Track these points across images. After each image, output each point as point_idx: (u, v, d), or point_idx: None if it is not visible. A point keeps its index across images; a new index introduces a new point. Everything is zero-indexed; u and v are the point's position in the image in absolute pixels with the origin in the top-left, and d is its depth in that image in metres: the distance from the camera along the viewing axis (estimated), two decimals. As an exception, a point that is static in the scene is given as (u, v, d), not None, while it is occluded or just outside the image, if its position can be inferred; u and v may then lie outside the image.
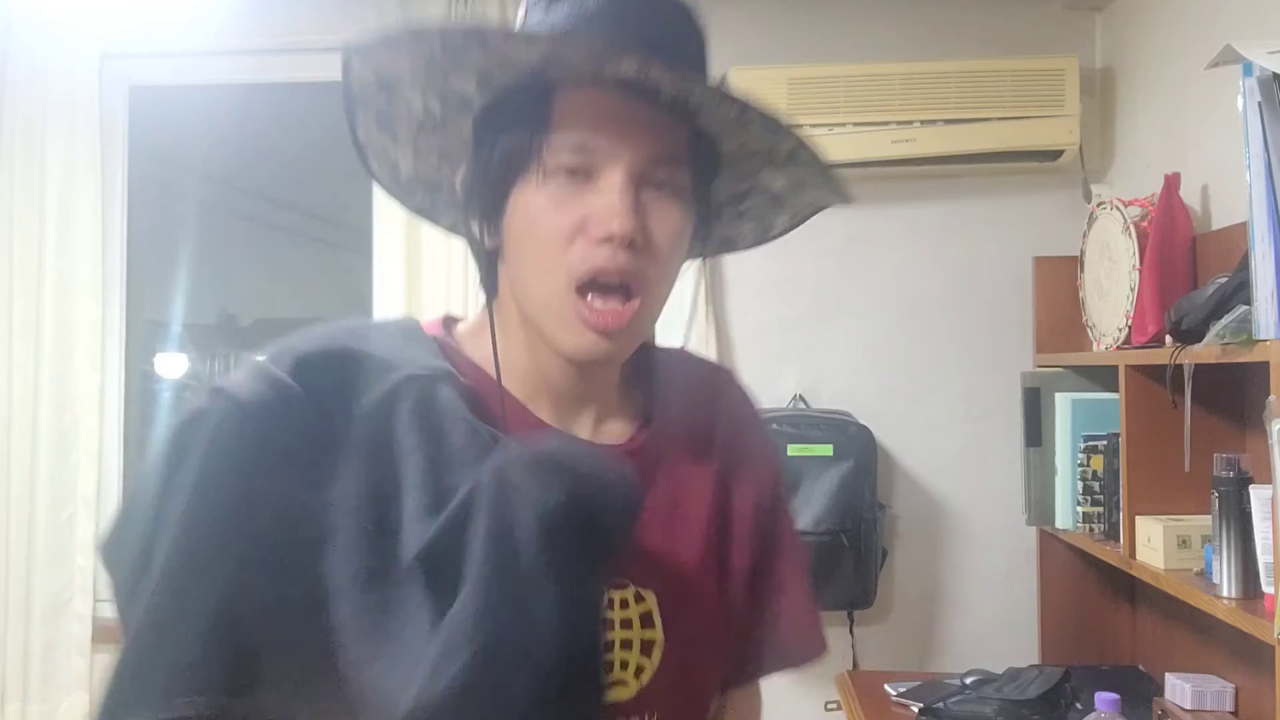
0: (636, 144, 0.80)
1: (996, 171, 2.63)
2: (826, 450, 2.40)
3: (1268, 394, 1.44)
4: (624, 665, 0.83)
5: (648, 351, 0.94)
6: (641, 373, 0.93)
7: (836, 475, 2.39)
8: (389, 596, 0.72)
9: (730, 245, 1.03)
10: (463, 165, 0.87)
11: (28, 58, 2.75)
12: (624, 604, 0.83)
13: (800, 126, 0.84)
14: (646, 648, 0.84)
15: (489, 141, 0.83)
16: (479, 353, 0.87)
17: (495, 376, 0.84)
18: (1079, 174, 2.60)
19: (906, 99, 2.52)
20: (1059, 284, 2.49)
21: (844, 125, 2.53)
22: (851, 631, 2.58)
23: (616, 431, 0.90)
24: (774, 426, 2.42)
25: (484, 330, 0.86)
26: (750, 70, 2.55)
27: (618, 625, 0.83)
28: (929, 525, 2.65)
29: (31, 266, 2.73)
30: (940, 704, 2.10)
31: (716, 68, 2.17)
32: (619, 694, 0.82)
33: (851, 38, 2.66)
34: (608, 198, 0.78)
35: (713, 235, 0.95)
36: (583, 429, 0.88)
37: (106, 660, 3.01)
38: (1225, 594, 1.66)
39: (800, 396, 2.63)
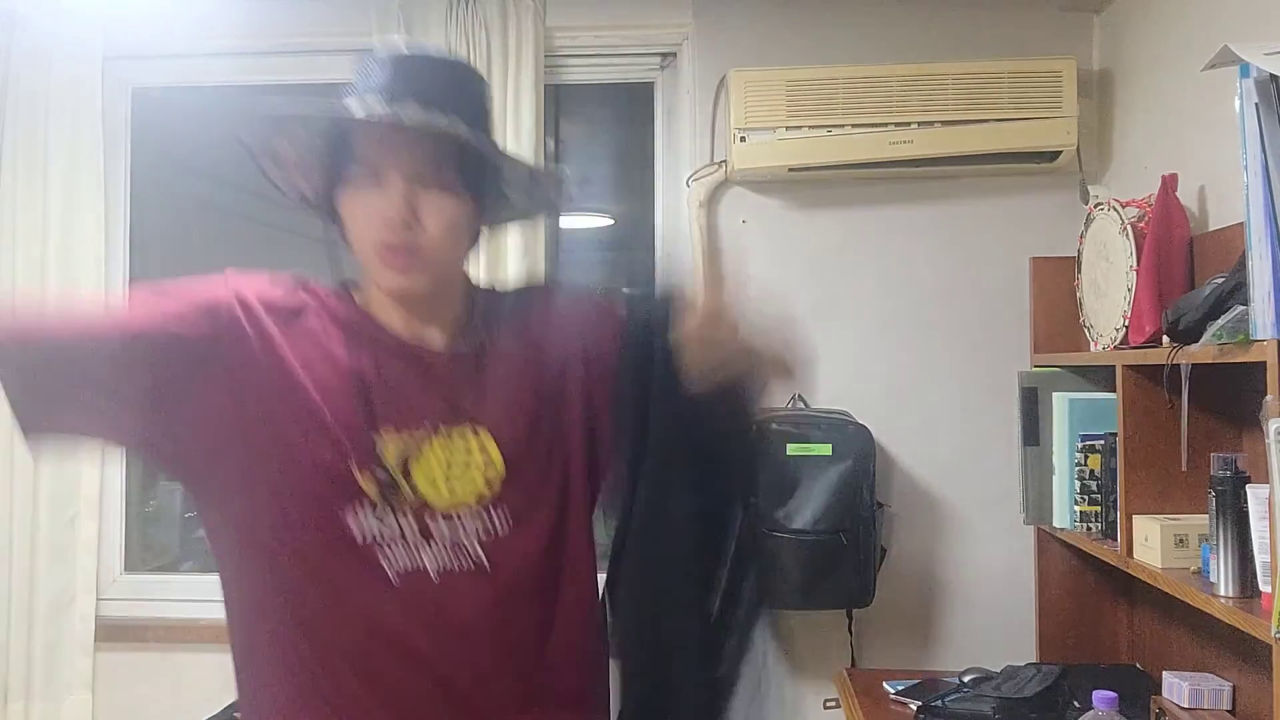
0: (406, 157, 1.18)
1: (994, 173, 2.64)
2: (825, 449, 2.41)
3: (1264, 394, 1.45)
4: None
5: (486, 297, 1.33)
6: (476, 310, 1.31)
7: (835, 474, 2.40)
8: None
9: (527, 214, 1.39)
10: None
11: (30, 60, 2.76)
12: (464, 437, 1.22)
13: (507, 151, 1.26)
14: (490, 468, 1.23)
15: (324, 169, 1.25)
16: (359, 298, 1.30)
17: (350, 298, 1.27)
18: (1076, 175, 2.61)
19: (904, 100, 2.53)
20: (1056, 284, 2.50)
21: (842, 126, 2.54)
22: (850, 630, 2.59)
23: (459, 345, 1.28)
24: (773, 426, 2.43)
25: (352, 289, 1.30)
26: (749, 72, 2.56)
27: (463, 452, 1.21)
28: (927, 524, 2.66)
29: (35, 267, 2.74)
30: (938, 702, 2.11)
31: (717, 69, 2.28)
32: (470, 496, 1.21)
33: (850, 40, 2.67)
34: (388, 194, 1.18)
35: (509, 207, 1.33)
36: (433, 343, 1.26)
37: (109, 659, 3.00)
38: (1222, 593, 1.67)
39: (799, 396, 2.63)
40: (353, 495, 1.16)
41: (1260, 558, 1.58)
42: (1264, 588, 1.56)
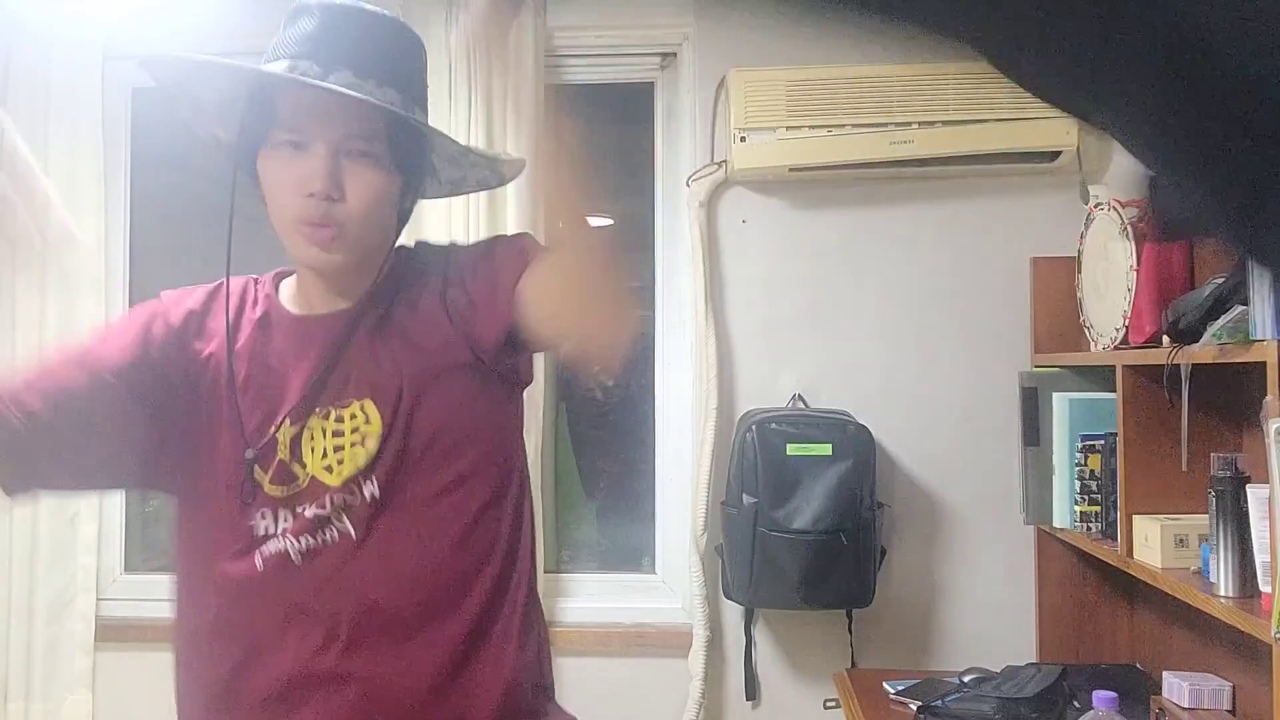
0: (334, 125, 1.12)
1: (994, 173, 2.64)
2: (825, 449, 2.41)
3: (1264, 394, 1.45)
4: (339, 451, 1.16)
5: (401, 258, 1.26)
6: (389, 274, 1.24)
7: (835, 474, 2.39)
8: None
9: (457, 188, 1.33)
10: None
11: (30, 60, 2.76)
12: (353, 416, 1.16)
13: (432, 128, 1.19)
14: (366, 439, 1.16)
15: (245, 123, 1.19)
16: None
17: (270, 282, 1.29)
18: (1077, 175, 2.61)
19: (905, 101, 2.53)
20: (1057, 284, 2.50)
21: (843, 127, 2.54)
22: (850, 630, 2.59)
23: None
24: (773, 426, 2.44)
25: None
26: (750, 72, 2.56)
27: (349, 430, 1.15)
28: (927, 524, 2.66)
29: (35, 267, 2.74)
30: (938, 702, 2.11)
31: (717, 69, 2.25)
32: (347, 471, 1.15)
33: (850, 40, 2.66)
34: (312, 164, 1.12)
35: (439, 180, 1.29)
36: (334, 313, 1.21)
37: (109, 659, 3.00)
38: (1222, 593, 1.67)
39: (799, 396, 2.64)
40: (254, 493, 1.14)
41: (1260, 558, 1.58)
42: (1264, 588, 1.56)
